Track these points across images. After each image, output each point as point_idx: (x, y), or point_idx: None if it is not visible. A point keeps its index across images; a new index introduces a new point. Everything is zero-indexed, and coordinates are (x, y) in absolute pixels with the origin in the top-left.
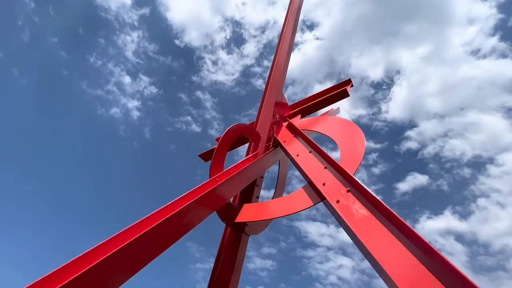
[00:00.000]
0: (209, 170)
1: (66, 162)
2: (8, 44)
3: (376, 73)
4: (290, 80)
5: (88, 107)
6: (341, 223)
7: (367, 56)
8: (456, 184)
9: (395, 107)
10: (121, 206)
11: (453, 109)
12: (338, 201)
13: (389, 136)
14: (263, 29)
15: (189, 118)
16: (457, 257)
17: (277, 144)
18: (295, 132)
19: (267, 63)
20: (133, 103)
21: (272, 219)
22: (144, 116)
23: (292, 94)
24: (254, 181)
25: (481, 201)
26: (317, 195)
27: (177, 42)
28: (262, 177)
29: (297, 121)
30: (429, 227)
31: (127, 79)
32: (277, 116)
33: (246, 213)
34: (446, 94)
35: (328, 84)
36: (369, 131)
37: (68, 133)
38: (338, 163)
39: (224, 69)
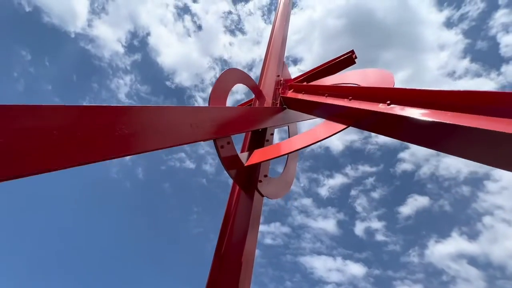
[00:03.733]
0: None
1: (57, 212)
2: (4, 95)
3: None
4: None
5: None
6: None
7: None
8: (458, 204)
9: None
10: (115, 252)
11: None
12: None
13: (383, 159)
14: (250, 66)
15: (182, 154)
16: (474, 283)
17: (285, 107)
18: (304, 89)
19: None
20: None
21: (292, 180)
22: (136, 156)
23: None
24: (263, 136)
25: (487, 220)
26: (349, 117)
27: (168, 83)
28: (272, 134)
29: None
30: (439, 252)
31: None
32: (282, 79)
33: (259, 155)
34: None
35: None
36: (363, 156)
37: (59, 181)
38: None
39: None
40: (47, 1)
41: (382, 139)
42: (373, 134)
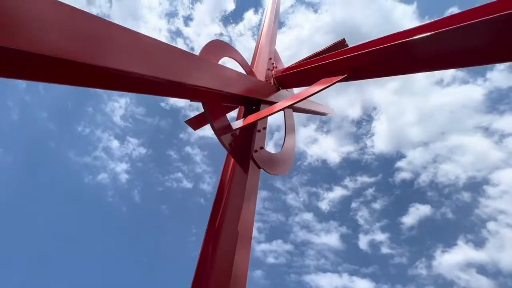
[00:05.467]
0: None
1: (52, 239)
2: None
3: (355, 112)
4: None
5: (74, 176)
6: None
7: (343, 97)
8: (460, 210)
9: (379, 141)
10: (114, 279)
11: (435, 134)
12: None
13: (381, 169)
14: None
15: (179, 174)
16: None
17: (279, 88)
18: (297, 67)
19: None
20: (121, 167)
21: (292, 157)
22: (133, 178)
23: (279, 139)
24: (257, 108)
25: (491, 225)
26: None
27: (163, 104)
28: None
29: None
30: (447, 262)
31: (115, 143)
32: (274, 62)
33: (253, 117)
34: (424, 121)
35: (312, 127)
36: (361, 166)
37: (52, 206)
38: None
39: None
40: None
41: (377, 149)
42: (368, 144)
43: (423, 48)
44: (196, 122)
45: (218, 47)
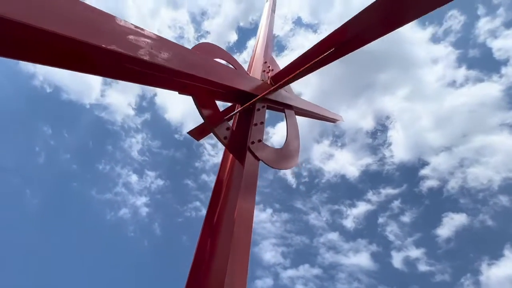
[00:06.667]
0: None
1: (78, 278)
2: (25, 169)
3: (368, 123)
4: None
5: (97, 213)
6: None
7: (354, 110)
8: (500, 216)
9: (398, 150)
10: None
11: (456, 138)
12: None
13: (404, 179)
14: None
15: (197, 203)
16: None
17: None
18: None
19: None
20: (141, 200)
21: (297, 151)
22: (152, 211)
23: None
24: (253, 106)
25: None
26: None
27: (177, 136)
28: (264, 107)
29: None
30: (496, 276)
31: (134, 178)
32: (269, 65)
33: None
34: (443, 125)
35: (326, 143)
36: (382, 178)
37: (78, 245)
38: None
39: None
40: (65, 80)
41: (397, 158)
42: (387, 154)
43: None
44: (198, 132)
45: (210, 48)
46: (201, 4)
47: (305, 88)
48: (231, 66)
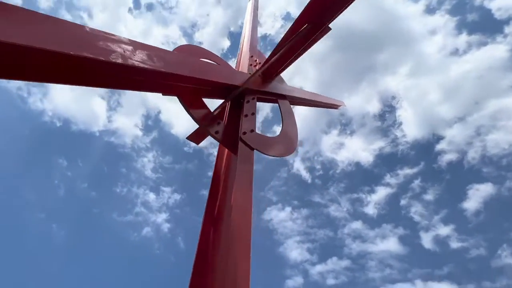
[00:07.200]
0: None
1: None
2: (47, 203)
3: (374, 106)
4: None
5: (121, 236)
6: None
7: (357, 95)
8: None
9: (409, 128)
10: None
11: (468, 106)
12: None
13: (421, 157)
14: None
15: None
16: None
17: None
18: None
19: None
20: (161, 217)
21: (295, 137)
22: (174, 226)
23: (305, 152)
24: (242, 99)
25: None
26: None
27: (186, 149)
28: (254, 99)
29: None
30: None
31: (151, 196)
32: (256, 58)
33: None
34: (452, 96)
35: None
36: (398, 159)
37: (108, 271)
38: None
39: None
40: (73, 112)
41: (410, 137)
42: (398, 134)
43: None
44: (197, 136)
45: (191, 49)
46: (190, 17)
47: (305, 82)
48: (215, 63)
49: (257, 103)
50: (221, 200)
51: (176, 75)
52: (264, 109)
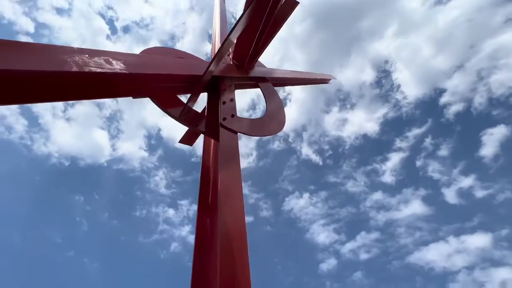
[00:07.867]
0: None
1: None
2: (74, 241)
3: (368, 75)
4: (301, 126)
5: (151, 256)
6: None
7: (349, 67)
8: None
9: (409, 89)
10: None
11: (464, 52)
12: None
13: (427, 114)
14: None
15: None
16: None
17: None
18: None
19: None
20: (185, 230)
21: (280, 115)
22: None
23: (310, 136)
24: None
25: None
26: None
27: (193, 159)
28: (231, 86)
29: None
30: None
31: (171, 212)
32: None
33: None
34: (445, 46)
35: (335, 110)
36: (404, 121)
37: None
38: None
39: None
40: (78, 149)
41: (412, 97)
42: (399, 97)
43: None
44: (188, 138)
45: (160, 50)
46: (167, 29)
47: (295, 67)
48: (182, 59)
49: (241, 90)
50: (213, 189)
51: (139, 75)
52: (261, 107)
